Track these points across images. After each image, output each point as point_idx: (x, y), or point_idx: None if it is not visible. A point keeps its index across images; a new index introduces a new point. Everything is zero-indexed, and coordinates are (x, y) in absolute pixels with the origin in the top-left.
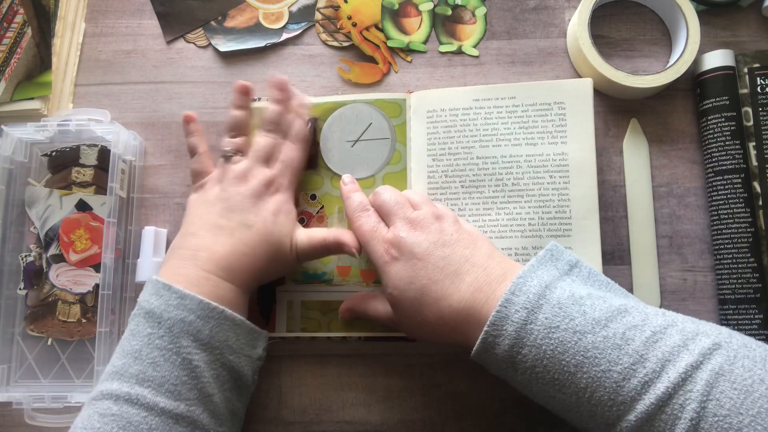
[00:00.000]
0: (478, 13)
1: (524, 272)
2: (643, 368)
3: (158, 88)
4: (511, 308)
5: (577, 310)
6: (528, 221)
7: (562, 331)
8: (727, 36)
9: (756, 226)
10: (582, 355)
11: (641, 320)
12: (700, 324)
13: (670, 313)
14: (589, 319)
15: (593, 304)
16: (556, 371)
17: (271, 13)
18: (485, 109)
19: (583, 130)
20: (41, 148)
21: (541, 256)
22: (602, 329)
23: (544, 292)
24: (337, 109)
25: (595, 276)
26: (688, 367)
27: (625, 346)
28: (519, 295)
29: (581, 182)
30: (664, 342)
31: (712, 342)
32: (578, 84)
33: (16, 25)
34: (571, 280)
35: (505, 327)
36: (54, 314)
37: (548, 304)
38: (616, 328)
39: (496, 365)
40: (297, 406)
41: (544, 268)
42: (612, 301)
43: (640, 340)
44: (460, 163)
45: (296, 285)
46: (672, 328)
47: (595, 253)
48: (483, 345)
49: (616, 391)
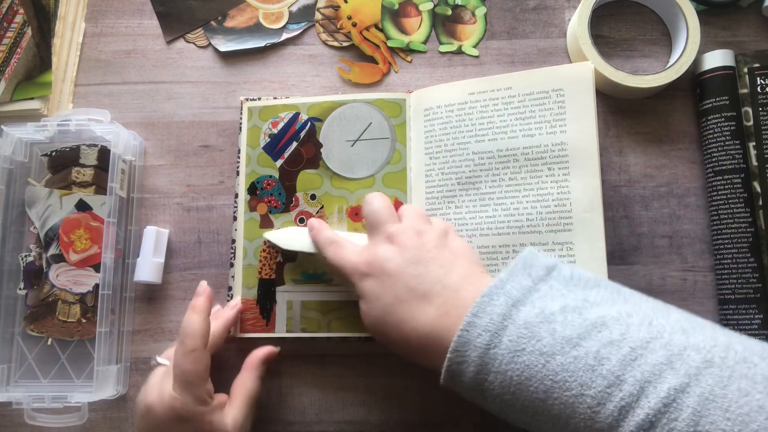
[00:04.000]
0: (478, 13)
1: (490, 289)
2: (619, 391)
3: (158, 88)
4: (473, 331)
5: (546, 329)
6: (526, 217)
7: (527, 354)
8: (727, 36)
9: (756, 226)
10: (550, 379)
11: (620, 334)
12: (692, 334)
13: (658, 321)
14: (558, 338)
15: (565, 319)
16: (525, 398)
17: (271, 13)
18: (480, 102)
19: (584, 117)
20: (41, 148)
21: (511, 266)
22: (573, 348)
23: (510, 312)
24: (337, 109)
25: (578, 276)
26: (671, 391)
27: (598, 366)
28: (482, 316)
29: (582, 173)
30: (644, 360)
31: (702, 359)
32: (578, 69)
33: (16, 25)
34: (548, 287)
35: (468, 352)
36: (54, 314)
37: (513, 325)
38: (589, 347)
39: (465, 393)
40: (297, 406)
41: (514, 280)
42: (589, 312)
43: (617, 358)
44: (456, 160)
45: (296, 285)
46: (656, 341)
47: (598, 248)
48: (448, 372)
49: (592, 418)
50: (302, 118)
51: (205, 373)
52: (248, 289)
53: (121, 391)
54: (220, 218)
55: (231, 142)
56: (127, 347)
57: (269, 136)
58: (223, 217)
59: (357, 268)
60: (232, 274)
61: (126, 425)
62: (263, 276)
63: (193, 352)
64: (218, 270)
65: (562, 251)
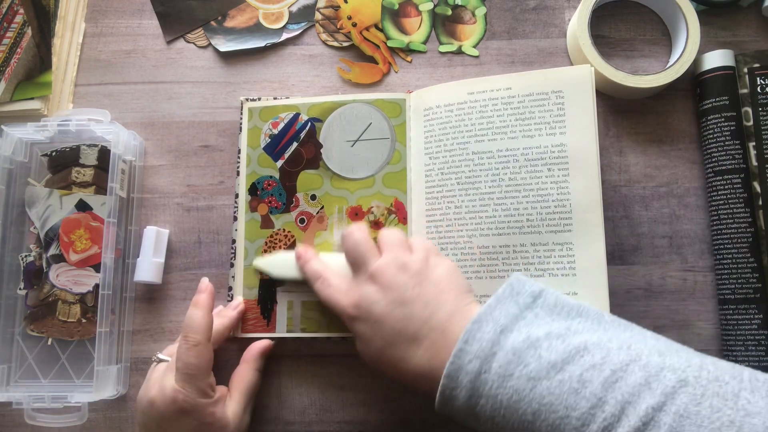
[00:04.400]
0: (478, 13)
1: (479, 316)
2: (602, 412)
3: (158, 88)
4: (464, 358)
5: (532, 355)
6: (526, 217)
7: (515, 379)
8: (727, 36)
9: (756, 226)
10: (537, 402)
11: (601, 358)
12: (668, 356)
13: (636, 346)
14: (544, 364)
15: (550, 345)
16: (515, 420)
17: (271, 13)
18: (480, 102)
19: (583, 119)
20: (41, 148)
21: (499, 293)
22: (558, 373)
23: (498, 339)
24: (336, 109)
25: (562, 304)
26: (648, 410)
27: (582, 389)
28: (472, 343)
29: (582, 174)
30: (624, 381)
31: (677, 379)
32: (577, 71)
33: (16, 25)
34: (533, 314)
35: (460, 378)
36: (54, 314)
37: (502, 351)
38: (573, 371)
39: (459, 416)
40: (297, 406)
41: (502, 307)
42: (572, 339)
43: (599, 381)
44: (456, 160)
45: (296, 285)
46: (634, 364)
47: (598, 248)
48: (442, 398)
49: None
50: (302, 119)
51: (208, 366)
52: (249, 290)
53: (121, 391)
54: (220, 218)
55: (231, 142)
56: (127, 347)
57: (269, 137)
58: (223, 217)
59: (345, 310)
60: (232, 275)
61: (126, 425)
62: (264, 276)
63: (196, 346)
64: (218, 270)
65: (562, 251)
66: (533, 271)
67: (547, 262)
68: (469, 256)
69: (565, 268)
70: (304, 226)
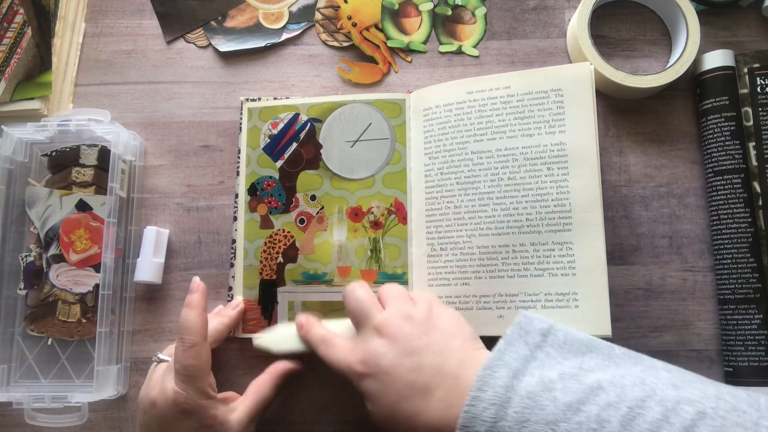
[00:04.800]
0: (478, 13)
1: (490, 361)
2: None
3: (158, 88)
4: (479, 406)
5: (548, 397)
6: (526, 216)
7: (533, 424)
8: (727, 36)
9: (756, 226)
10: None
11: (616, 396)
12: (683, 388)
13: (650, 380)
14: (560, 406)
15: (564, 386)
16: None
17: (271, 13)
18: (479, 102)
19: (583, 117)
20: (41, 148)
21: (509, 334)
22: (575, 414)
23: (512, 383)
24: (336, 109)
25: (572, 340)
26: None
27: (600, 429)
28: (486, 390)
29: (581, 173)
30: (642, 418)
31: (695, 411)
32: (577, 69)
33: (16, 25)
34: (544, 354)
35: (476, 427)
36: (54, 314)
37: (517, 396)
38: (590, 411)
39: None
40: (297, 406)
41: (512, 350)
42: (586, 378)
43: (617, 419)
44: (455, 160)
45: (297, 285)
46: (650, 399)
47: (598, 248)
48: None
49: None
50: (302, 119)
51: (207, 366)
52: (249, 290)
53: (121, 391)
54: (220, 218)
55: (231, 142)
56: (127, 347)
57: (269, 137)
58: (223, 217)
59: (352, 368)
60: (232, 275)
61: (126, 425)
62: (264, 277)
63: (193, 347)
64: (218, 270)
65: (562, 251)
66: (533, 270)
67: (547, 261)
68: (468, 255)
69: (564, 267)
70: (304, 226)
